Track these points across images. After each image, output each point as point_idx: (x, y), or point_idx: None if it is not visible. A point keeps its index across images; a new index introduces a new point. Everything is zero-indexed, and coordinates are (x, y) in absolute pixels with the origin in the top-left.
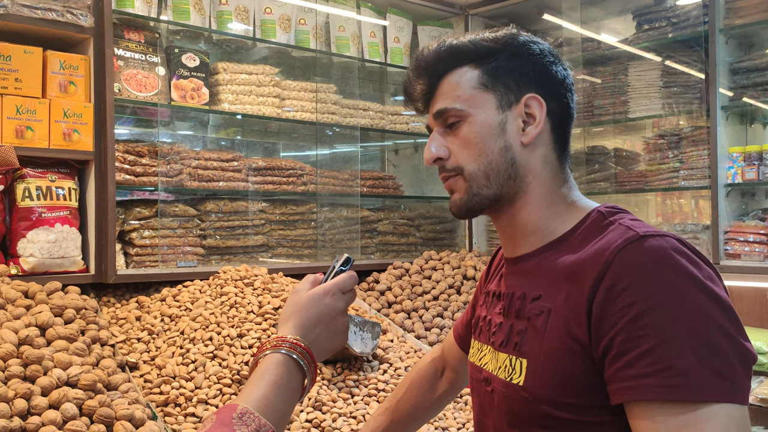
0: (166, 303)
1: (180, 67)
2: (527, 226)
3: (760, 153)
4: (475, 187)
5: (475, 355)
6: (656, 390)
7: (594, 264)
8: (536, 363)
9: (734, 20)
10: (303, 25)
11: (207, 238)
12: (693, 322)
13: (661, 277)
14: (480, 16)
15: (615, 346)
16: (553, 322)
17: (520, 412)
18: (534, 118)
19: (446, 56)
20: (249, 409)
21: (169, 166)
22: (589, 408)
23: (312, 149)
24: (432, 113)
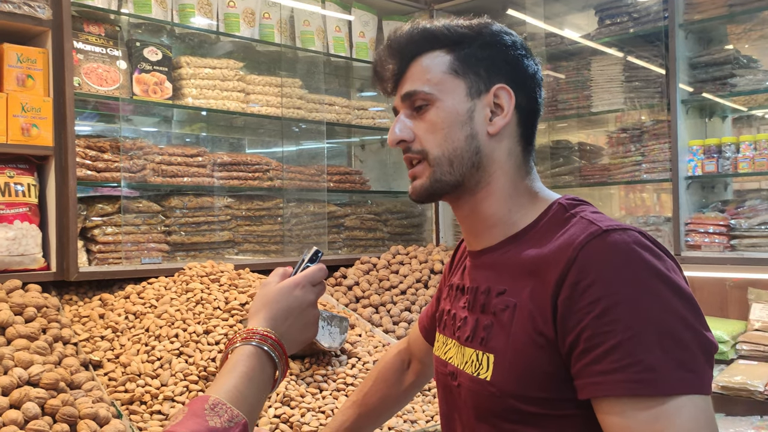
0: (131, 300)
1: (142, 60)
2: (489, 217)
3: (719, 146)
4: (438, 173)
5: (440, 348)
6: (625, 385)
7: (557, 259)
8: (503, 358)
9: (693, 15)
10: (267, 19)
11: (172, 235)
12: (658, 316)
13: (625, 272)
14: (445, 11)
15: (582, 341)
16: (519, 317)
17: (488, 406)
18: (502, 108)
19: (419, 39)
20: (221, 400)
21: (132, 161)
22: (556, 401)
23: (278, 144)
24: (400, 95)
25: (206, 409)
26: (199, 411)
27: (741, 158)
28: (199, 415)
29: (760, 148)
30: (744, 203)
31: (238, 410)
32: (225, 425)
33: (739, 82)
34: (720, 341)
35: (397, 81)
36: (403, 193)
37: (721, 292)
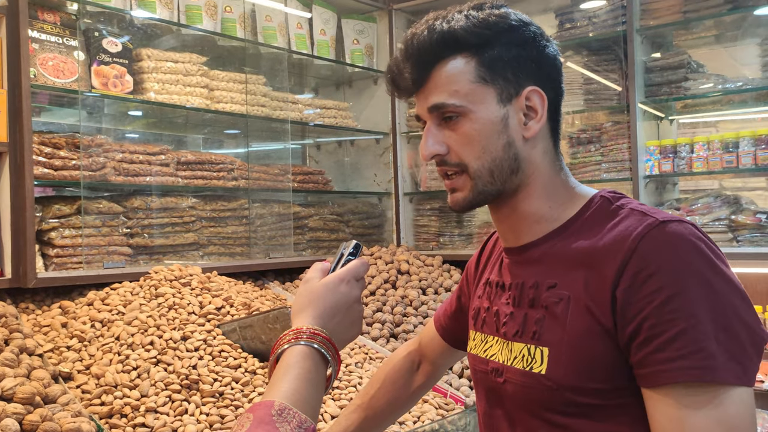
0: (95, 307)
1: (101, 52)
2: (531, 215)
3: (674, 146)
4: (480, 185)
5: (477, 347)
6: (689, 372)
7: (616, 250)
8: (559, 350)
9: (649, 21)
10: (229, 13)
11: (134, 237)
12: (715, 307)
13: (685, 262)
14: (403, 12)
15: (643, 330)
16: (574, 309)
17: (541, 400)
18: (535, 111)
19: (439, 44)
20: (287, 405)
21: (91, 159)
22: (612, 391)
23: (242, 142)
24: (426, 106)
25: (273, 415)
26: (266, 418)
27: (695, 158)
28: (268, 422)
29: (713, 148)
30: (698, 201)
31: (304, 414)
32: (296, 431)
33: (692, 86)
34: None
35: (417, 89)
36: (364, 194)
37: None
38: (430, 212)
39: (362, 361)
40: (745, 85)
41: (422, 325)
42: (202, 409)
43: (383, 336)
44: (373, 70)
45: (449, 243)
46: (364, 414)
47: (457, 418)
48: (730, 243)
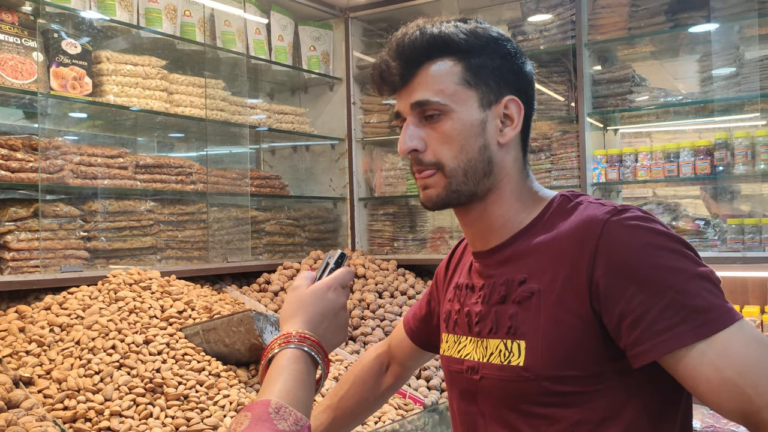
0: (53, 311)
1: (60, 53)
2: (498, 219)
3: (620, 156)
4: (454, 184)
5: (451, 348)
6: (690, 333)
7: (581, 238)
8: (535, 342)
9: (596, 36)
10: (189, 17)
11: (91, 240)
12: (687, 269)
13: (649, 240)
14: (359, 20)
15: (632, 310)
16: (546, 300)
17: (519, 392)
18: (512, 119)
19: (429, 45)
20: (282, 403)
21: (48, 161)
22: (587, 378)
23: (200, 146)
24: (409, 102)
25: (271, 413)
26: (264, 415)
27: (639, 167)
28: (266, 419)
29: (655, 158)
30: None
31: (300, 413)
32: (293, 428)
33: (636, 98)
34: None
35: (402, 86)
36: (319, 199)
37: None
38: (384, 217)
39: None
40: (686, 99)
41: (380, 328)
42: (167, 412)
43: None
44: (329, 76)
45: (403, 247)
46: (333, 414)
47: (416, 418)
48: None
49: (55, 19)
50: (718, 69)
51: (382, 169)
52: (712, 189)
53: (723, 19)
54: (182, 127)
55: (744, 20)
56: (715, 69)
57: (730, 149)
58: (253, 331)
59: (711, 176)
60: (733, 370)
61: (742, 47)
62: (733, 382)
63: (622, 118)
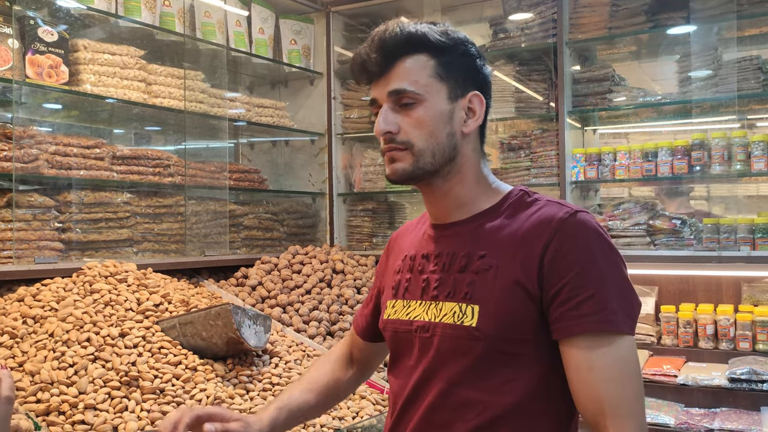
0: (26, 303)
1: (36, 41)
2: (460, 198)
3: (599, 154)
4: (421, 162)
5: (398, 312)
6: (598, 324)
7: (542, 230)
8: (488, 308)
9: (577, 35)
10: (168, 7)
11: (66, 232)
12: (614, 276)
13: (594, 242)
14: (341, 14)
15: (563, 293)
16: (502, 275)
17: (467, 349)
18: (474, 112)
19: (407, 41)
20: None
21: (23, 151)
22: (523, 342)
23: (179, 139)
24: (386, 90)
25: None
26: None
27: (618, 166)
28: None
29: (633, 157)
30: (620, 206)
31: None
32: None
33: (615, 98)
34: None
35: (380, 76)
36: (298, 193)
37: None
38: (363, 213)
39: (301, 358)
40: (664, 99)
41: None
42: (143, 405)
43: (320, 334)
44: (309, 70)
45: (381, 243)
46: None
47: None
48: (648, 246)
49: (31, 6)
50: (697, 70)
51: (361, 164)
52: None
53: (702, 20)
54: (160, 119)
55: (723, 22)
56: (693, 70)
57: (707, 149)
58: (231, 325)
59: (688, 176)
60: (607, 374)
61: (720, 49)
62: (601, 381)
63: (601, 118)
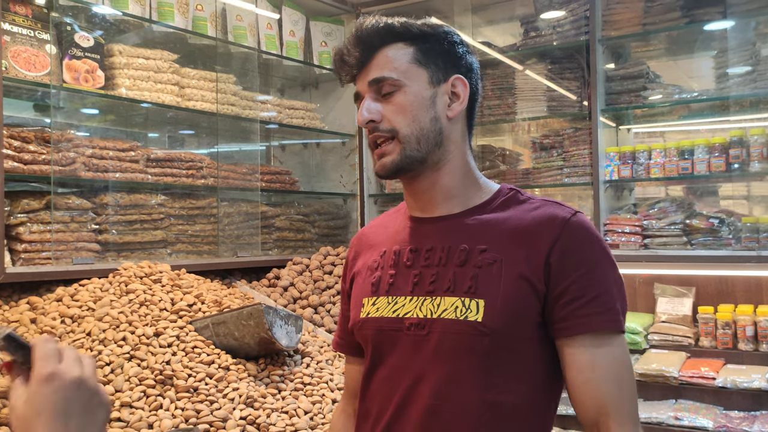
0: (64, 303)
1: (72, 46)
2: (450, 190)
3: (633, 153)
4: (407, 150)
5: (382, 309)
6: (604, 323)
7: (547, 228)
8: (494, 302)
9: (610, 32)
10: (200, 11)
11: (103, 233)
12: (615, 278)
13: (596, 243)
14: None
15: (569, 292)
16: (507, 270)
17: (472, 344)
18: (458, 96)
19: (384, 32)
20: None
21: (61, 154)
22: (530, 339)
23: (211, 141)
24: (366, 80)
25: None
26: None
27: (653, 164)
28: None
29: (669, 155)
30: (655, 205)
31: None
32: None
33: (650, 95)
34: (633, 332)
35: (360, 68)
36: (329, 195)
37: (631, 288)
38: None
39: (332, 358)
40: (700, 96)
41: None
42: (177, 404)
43: None
44: None
45: None
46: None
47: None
48: (685, 246)
49: (68, 12)
50: (734, 66)
51: None
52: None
53: (739, 15)
54: (193, 122)
55: (760, 17)
56: (730, 66)
57: (745, 147)
58: (263, 325)
59: (726, 174)
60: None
61: (758, 44)
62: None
63: (636, 116)
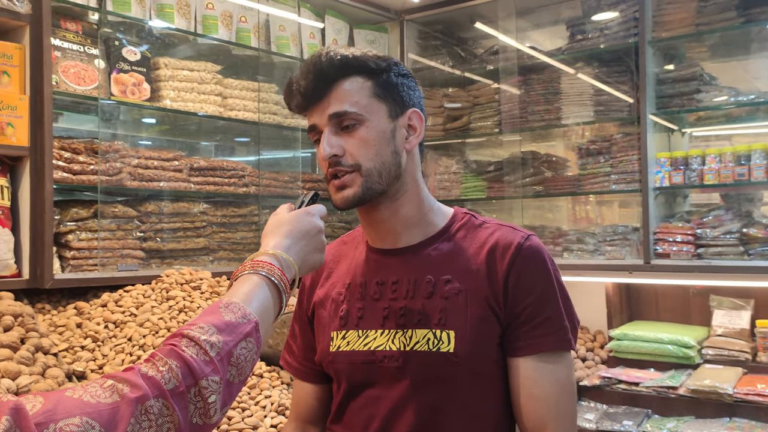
0: (108, 309)
1: (120, 60)
2: (409, 219)
3: (685, 158)
4: (369, 182)
5: (353, 343)
6: (556, 343)
7: (502, 254)
8: (463, 333)
9: (661, 33)
10: (244, 23)
11: (147, 241)
12: (564, 299)
13: (546, 267)
14: (414, 22)
15: (525, 314)
16: (473, 299)
17: (445, 375)
18: (414, 129)
19: (342, 65)
20: (234, 301)
21: (108, 164)
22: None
23: (253, 150)
24: (327, 113)
25: (221, 307)
26: (214, 309)
27: (707, 170)
28: (214, 312)
29: (724, 160)
30: (709, 213)
31: (250, 309)
32: (239, 320)
33: (704, 98)
34: (686, 347)
35: (316, 101)
36: None
37: (685, 300)
38: None
39: None
40: (758, 98)
41: None
42: None
43: None
44: None
45: None
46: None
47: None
48: (741, 257)
49: (117, 28)
50: None
51: (435, 172)
52: None
53: None
54: (236, 131)
55: None
56: None
57: None
58: None
59: None
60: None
61: None
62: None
63: (690, 120)
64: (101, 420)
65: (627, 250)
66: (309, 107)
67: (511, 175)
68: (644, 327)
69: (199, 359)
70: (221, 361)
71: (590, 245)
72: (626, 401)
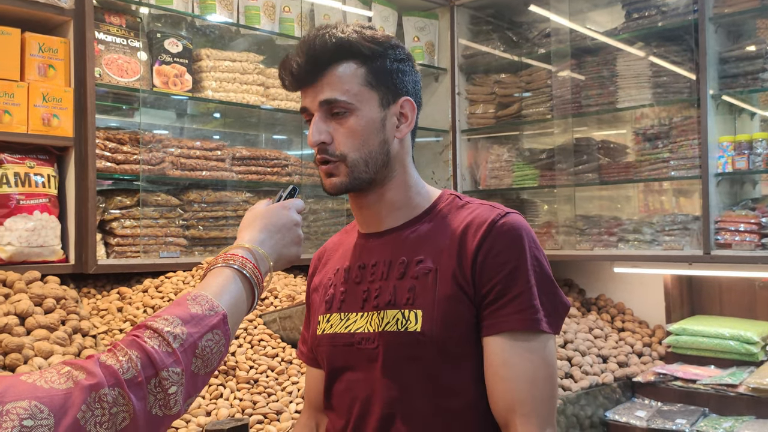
0: (149, 294)
1: (162, 52)
2: (395, 203)
3: (750, 142)
4: (356, 173)
5: (335, 325)
6: (522, 322)
7: (475, 231)
8: (431, 311)
9: (723, 9)
10: (288, 13)
11: (189, 229)
12: (542, 276)
13: (521, 244)
14: (466, 7)
15: (493, 293)
16: (441, 278)
17: (414, 354)
18: (406, 117)
19: (335, 49)
20: (202, 293)
21: (151, 154)
22: (467, 341)
23: (296, 139)
24: (318, 99)
25: (188, 299)
26: (181, 301)
27: None
28: (181, 304)
29: None
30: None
31: (218, 302)
32: (205, 312)
33: None
34: (749, 342)
35: (309, 84)
36: None
37: (750, 293)
38: None
39: None
40: None
41: None
42: (236, 394)
43: None
44: (434, 67)
45: None
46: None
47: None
48: None
49: (159, 21)
50: None
51: (487, 161)
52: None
53: None
54: (279, 120)
55: None
56: None
57: None
58: None
59: None
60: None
61: None
62: (514, 379)
63: (763, 101)
64: (51, 405)
65: (686, 241)
66: (301, 88)
67: (563, 162)
68: (705, 321)
69: (161, 350)
70: (184, 353)
71: (647, 235)
72: (682, 399)
